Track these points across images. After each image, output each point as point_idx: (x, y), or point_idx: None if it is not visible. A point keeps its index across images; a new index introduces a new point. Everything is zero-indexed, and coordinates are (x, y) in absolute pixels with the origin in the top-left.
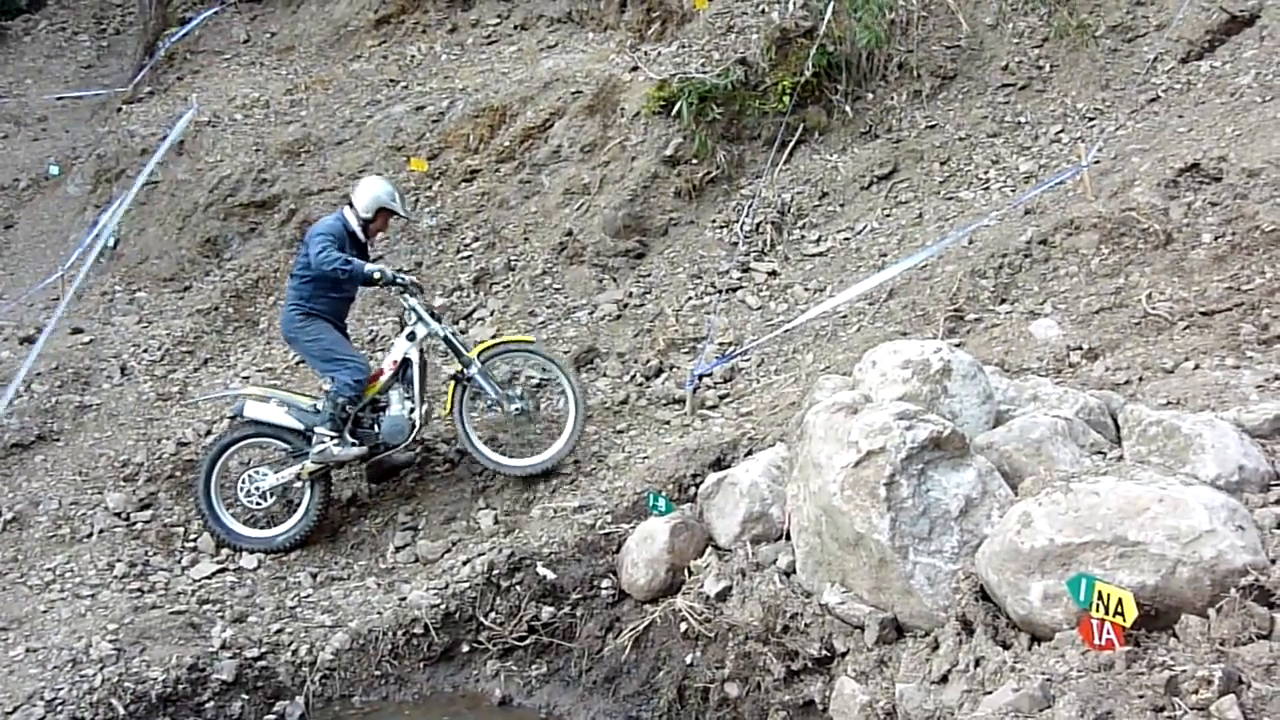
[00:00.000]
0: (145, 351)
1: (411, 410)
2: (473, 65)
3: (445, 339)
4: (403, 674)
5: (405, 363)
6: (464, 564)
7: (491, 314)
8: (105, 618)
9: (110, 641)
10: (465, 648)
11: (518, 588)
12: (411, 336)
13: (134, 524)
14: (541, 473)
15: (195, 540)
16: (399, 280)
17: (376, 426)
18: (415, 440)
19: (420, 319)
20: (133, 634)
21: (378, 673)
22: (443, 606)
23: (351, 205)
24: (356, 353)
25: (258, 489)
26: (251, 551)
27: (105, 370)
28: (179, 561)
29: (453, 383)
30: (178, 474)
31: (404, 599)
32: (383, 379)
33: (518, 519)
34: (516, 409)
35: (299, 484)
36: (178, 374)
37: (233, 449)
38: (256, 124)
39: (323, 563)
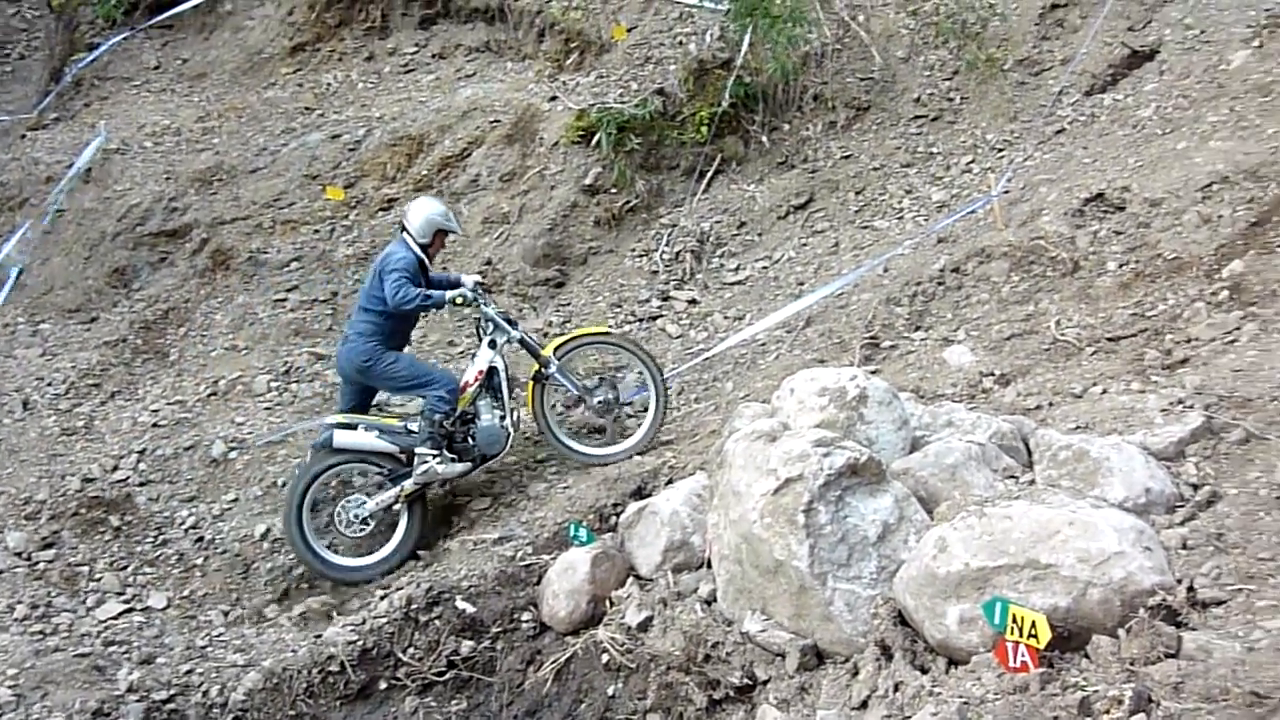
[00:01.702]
0: (49, 385)
1: (502, 418)
2: (390, 93)
3: (521, 341)
4: (318, 713)
5: (491, 371)
6: (381, 599)
7: (409, 343)
8: (5, 662)
9: (9, 687)
10: (383, 685)
11: (436, 622)
12: (493, 344)
13: (36, 564)
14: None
15: (100, 580)
16: (479, 298)
17: (471, 439)
18: (511, 447)
19: (498, 326)
20: (34, 679)
21: (292, 713)
22: (359, 643)
23: (406, 231)
24: (439, 368)
25: (357, 516)
26: (352, 584)
27: (6, 405)
28: (83, 602)
29: (532, 383)
30: (82, 511)
31: (319, 636)
32: (470, 390)
33: (436, 552)
34: (599, 401)
35: (397, 507)
36: (83, 408)
37: (320, 479)
38: (167, 151)
39: (235, 600)
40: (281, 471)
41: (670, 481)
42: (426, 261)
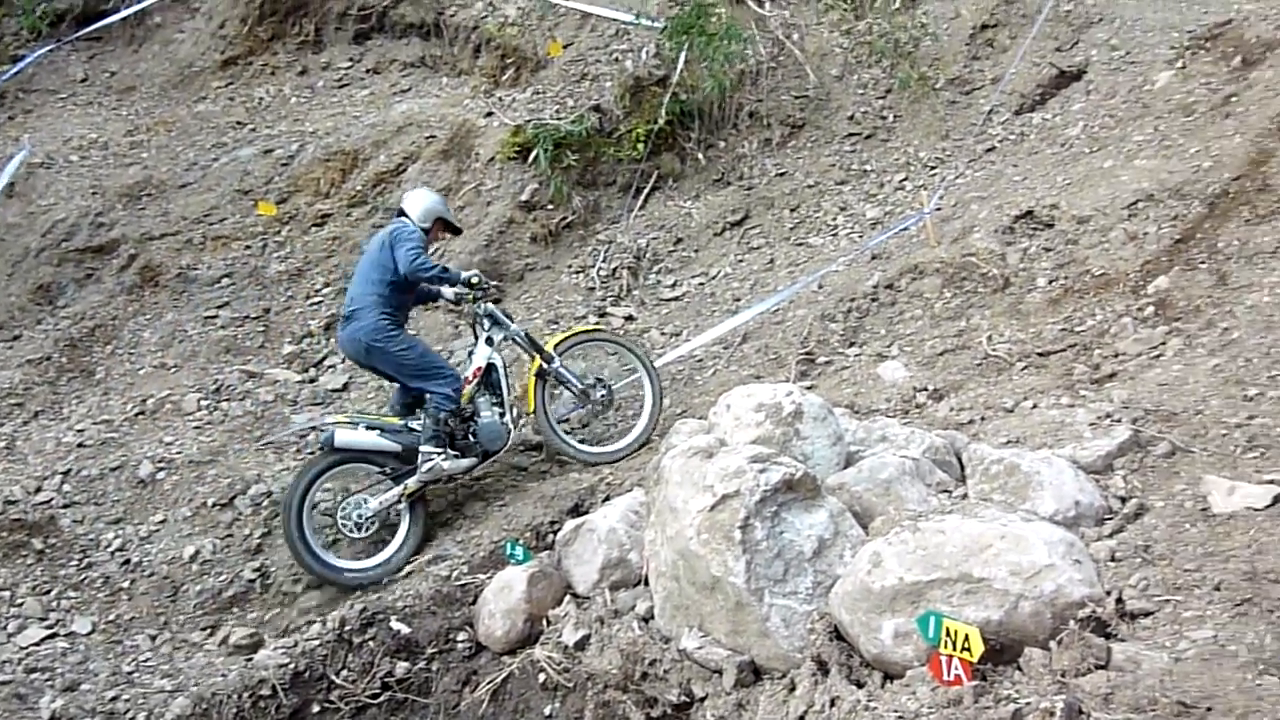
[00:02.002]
0: None
1: (502, 414)
2: (323, 108)
3: (524, 336)
4: None
5: (489, 368)
6: (314, 621)
7: (343, 361)
8: None
9: None
10: (316, 708)
11: (370, 643)
12: (490, 341)
13: None
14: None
15: (22, 605)
16: (485, 286)
17: (472, 437)
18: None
19: (497, 322)
20: None
21: None
22: (291, 665)
23: (404, 214)
24: (447, 362)
25: (361, 515)
26: (355, 588)
27: None
28: (4, 628)
29: (534, 379)
30: (3, 534)
31: (250, 659)
32: (469, 388)
33: None
34: (600, 397)
35: (400, 506)
36: (5, 428)
37: (321, 480)
38: (94, 166)
39: (163, 624)
40: (211, 492)
41: (608, 498)
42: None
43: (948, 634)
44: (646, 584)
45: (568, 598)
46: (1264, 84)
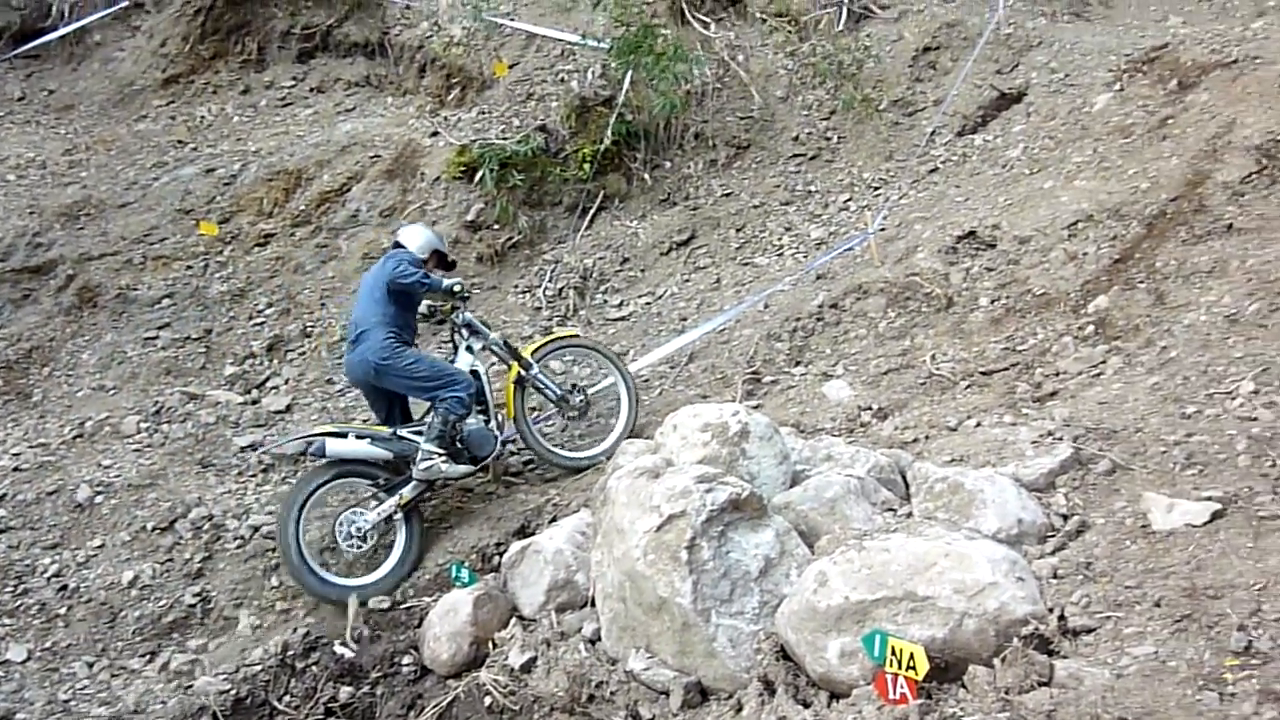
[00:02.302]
0: None
1: (488, 421)
2: (266, 127)
3: (503, 344)
4: None
5: (473, 375)
6: (255, 645)
7: (286, 382)
8: None
9: None
10: None
11: (314, 668)
12: (470, 350)
13: None
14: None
15: None
16: (465, 294)
17: (459, 444)
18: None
19: (475, 332)
20: None
21: None
22: (233, 692)
23: (399, 246)
24: (459, 369)
25: (358, 530)
26: (337, 602)
27: None
28: None
29: (513, 386)
30: None
31: (190, 686)
32: None
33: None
34: (576, 405)
35: (397, 518)
36: None
37: (315, 496)
38: (32, 185)
39: (100, 651)
40: (151, 515)
41: (554, 520)
42: None
43: (893, 653)
44: (593, 605)
45: (514, 620)
46: (1199, 107)
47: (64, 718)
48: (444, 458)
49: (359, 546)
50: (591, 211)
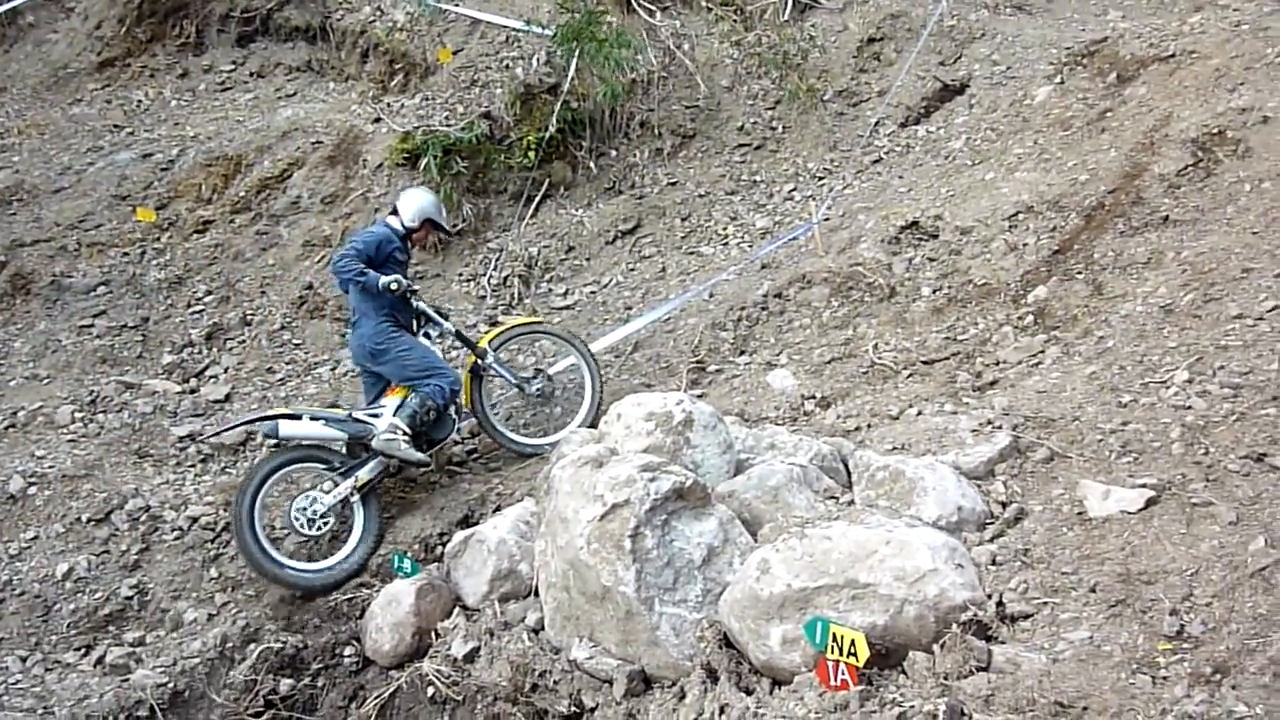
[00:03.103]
0: None
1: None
2: (205, 112)
3: (456, 334)
4: None
5: None
6: (193, 638)
7: (225, 371)
8: None
9: None
10: None
11: (253, 660)
12: (427, 336)
13: None
14: None
15: None
16: (412, 288)
17: (422, 427)
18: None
19: (430, 319)
20: None
21: None
22: (170, 685)
23: (395, 214)
24: (448, 365)
25: (315, 512)
26: (315, 592)
27: None
28: None
29: (469, 375)
30: None
31: (126, 680)
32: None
33: (253, 584)
34: (536, 389)
35: (354, 500)
36: None
37: (269, 481)
38: None
39: (34, 645)
40: (86, 506)
41: (498, 509)
42: (408, 246)
43: (834, 639)
44: (537, 595)
45: (457, 610)
46: (1137, 100)
47: None
48: (408, 439)
49: (314, 530)
50: (536, 199)
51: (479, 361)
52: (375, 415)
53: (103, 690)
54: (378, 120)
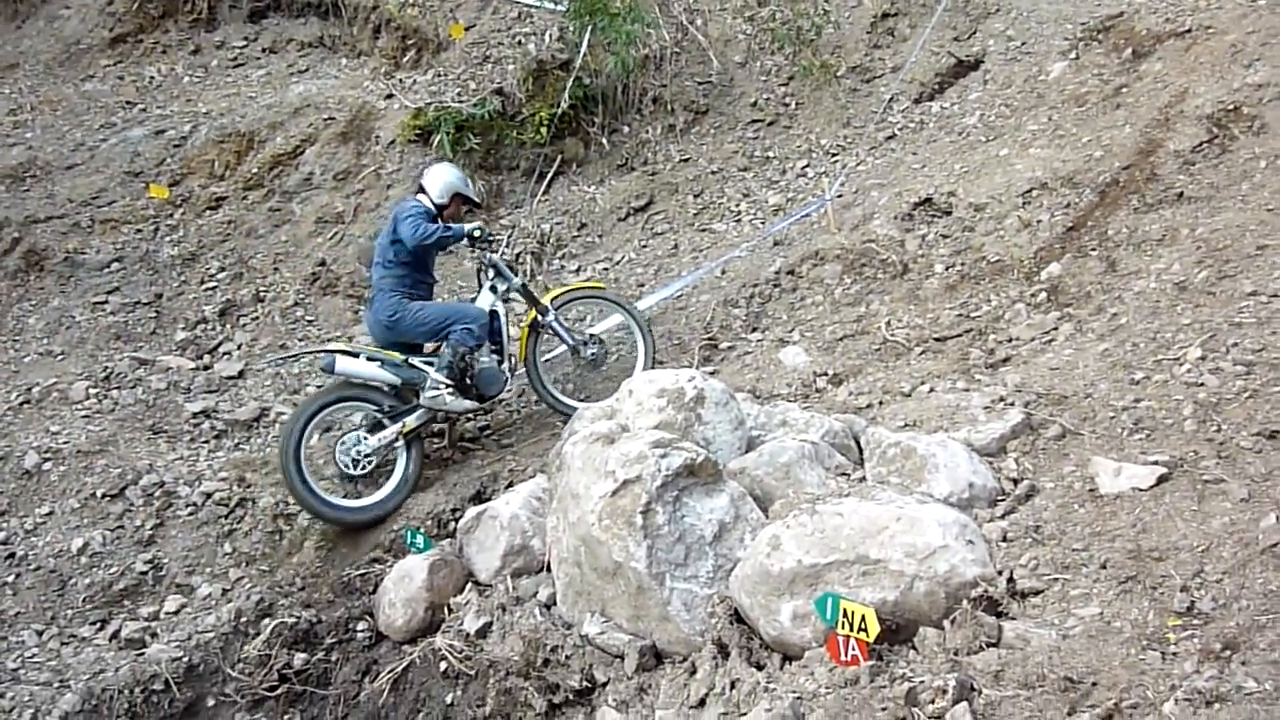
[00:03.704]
0: None
1: (500, 361)
2: (217, 88)
3: (522, 289)
4: None
5: (491, 315)
6: (207, 612)
7: (239, 347)
8: None
9: None
10: (211, 702)
11: (267, 634)
12: (494, 289)
13: None
14: None
15: None
16: (492, 236)
17: (469, 380)
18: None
19: (500, 273)
20: None
21: None
22: (185, 659)
23: (422, 192)
24: (468, 305)
25: (360, 452)
26: (354, 526)
27: None
28: None
29: (527, 330)
30: None
31: (141, 653)
32: None
33: (267, 559)
34: (591, 354)
35: (398, 445)
36: None
37: (319, 416)
38: None
39: (50, 619)
40: (101, 482)
41: (510, 485)
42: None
43: (845, 615)
44: (549, 570)
45: (469, 585)
46: (1153, 76)
47: (12, 686)
48: (451, 389)
49: (358, 469)
50: (549, 176)
51: (539, 318)
52: (430, 363)
53: (118, 664)
54: (390, 96)
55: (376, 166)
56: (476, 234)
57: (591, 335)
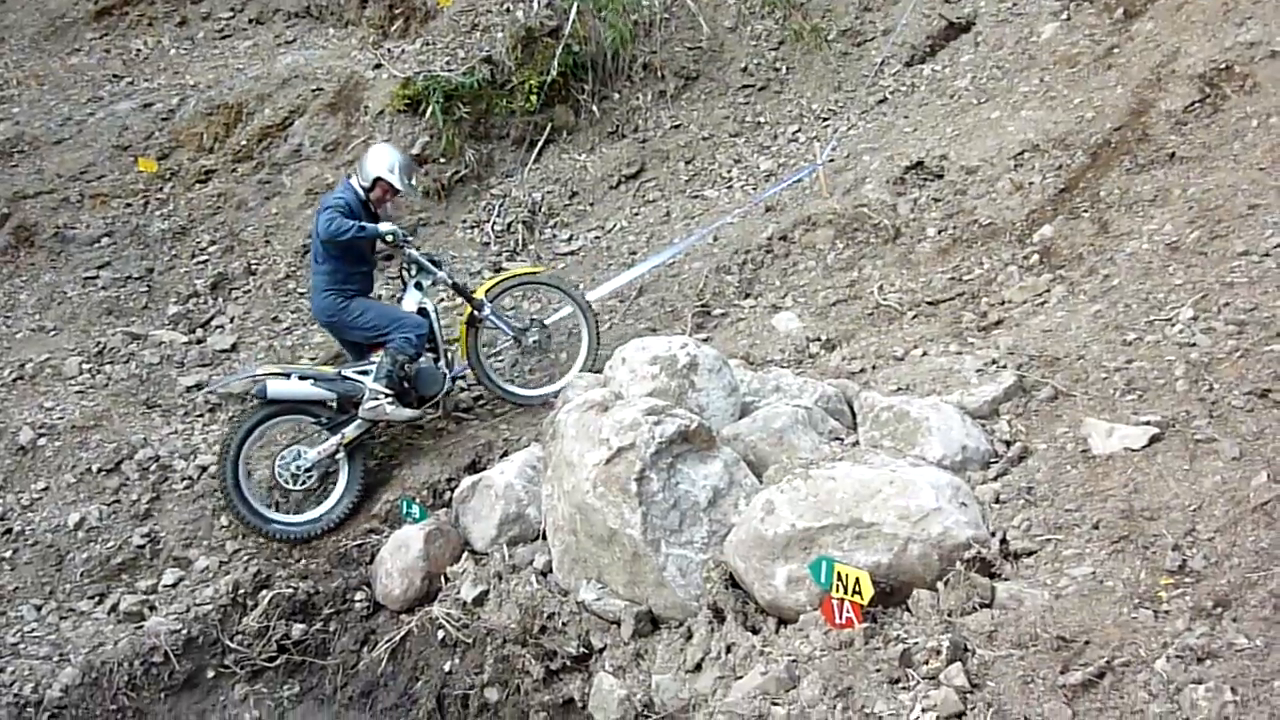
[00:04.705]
0: None
1: (437, 360)
2: (205, 60)
3: (452, 284)
4: (142, 706)
5: (421, 313)
6: (205, 585)
7: (231, 321)
8: None
9: None
10: (210, 673)
11: (265, 606)
12: (419, 286)
13: None
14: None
15: None
16: (406, 239)
17: (407, 384)
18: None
19: (423, 268)
20: None
21: (114, 707)
22: (184, 631)
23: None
24: (408, 313)
25: (299, 467)
26: (297, 542)
27: None
28: None
29: (465, 326)
30: None
31: (140, 626)
32: None
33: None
34: (533, 340)
35: (339, 457)
36: None
37: (255, 433)
38: None
39: (48, 594)
40: (96, 457)
41: (505, 454)
42: (371, 207)
43: (839, 578)
44: (544, 538)
45: (465, 554)
46: (1144, 36)
47: (12, 660)
48: (390, 399)
49: (298, 484)
50: (539, 144)
51: (475, 313)
52: (365, 373)
53: (117, 637)
54: (378, 66)
55: (366, 137)
56: (390, 238)
57: (533, 320)
